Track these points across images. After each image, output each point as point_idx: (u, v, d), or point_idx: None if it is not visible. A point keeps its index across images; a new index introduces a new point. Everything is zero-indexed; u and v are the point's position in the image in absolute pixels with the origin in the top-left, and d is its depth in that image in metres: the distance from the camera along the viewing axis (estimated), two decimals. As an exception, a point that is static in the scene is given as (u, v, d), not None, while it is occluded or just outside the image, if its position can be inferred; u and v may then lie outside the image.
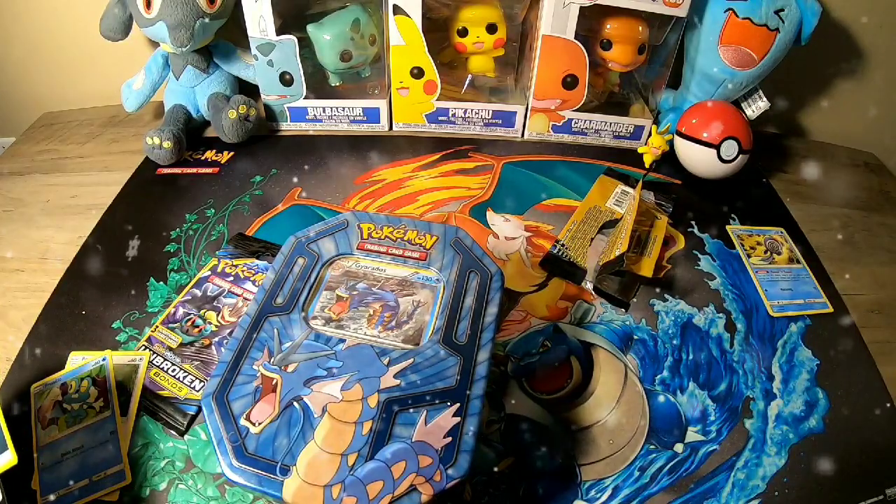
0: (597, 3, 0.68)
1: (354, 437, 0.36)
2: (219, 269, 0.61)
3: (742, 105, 0.76)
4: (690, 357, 0.56)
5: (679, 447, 0.50)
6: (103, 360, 0.52)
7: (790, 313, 0.61)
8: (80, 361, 0.53)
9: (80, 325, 0.57)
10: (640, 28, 0.72)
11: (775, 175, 0.80)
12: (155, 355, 0.53)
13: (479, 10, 0.73)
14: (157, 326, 0.56)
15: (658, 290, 0.62)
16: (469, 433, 0.36)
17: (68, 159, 0.79)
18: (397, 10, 0.70)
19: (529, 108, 0.78)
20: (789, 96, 0.87)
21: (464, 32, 0.74)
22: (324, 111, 0.79)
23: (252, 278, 0.60)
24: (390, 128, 0.82)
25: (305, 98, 0.77)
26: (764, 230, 0.70)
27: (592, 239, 0.66)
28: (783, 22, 0.69)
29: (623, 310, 0.60)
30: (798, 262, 0.67)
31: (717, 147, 0.69)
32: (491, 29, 0.74)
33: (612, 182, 0.74)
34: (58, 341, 0.55)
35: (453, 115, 0.79)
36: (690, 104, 0.75)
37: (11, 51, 0.87)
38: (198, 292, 0.59)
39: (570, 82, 0.74)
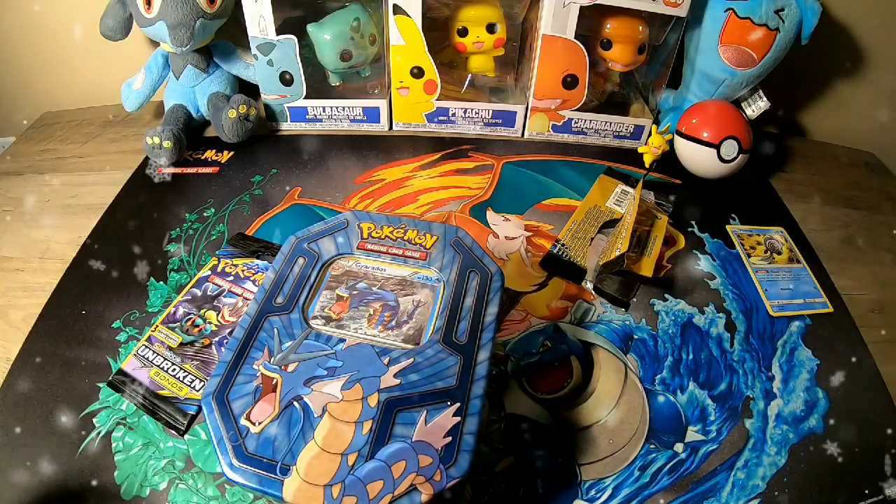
0: (597, 2, 0.68)
1: (354, 436, 0.36)
2: (219, 269, 0.61)
3: (742, 105, 0.76)
4: (690, 357, 0.56)
5: (679, 447, 0.50)
6: None
7: (790, 313, 0.61)
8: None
9: (80, 325, 0.57)
10: (640, 28, 0.72)
11: (775, 175, 0.80)
12: (155, 355, 0.53)
13: (479, 9, 0.73)
14: (157, 326, 0.56)
15: (658, 289, 0.62)
16: (469, 433, 0.36)
17: (68, 159, 0.79)
18: (397, 9, 0.70)
19: (529, 107, 0.78)
20: (789, 96, 0.87)
21: (464, 32, 0.74)
22: (324, 111, 0.79)
23: (252, 278, 0.60)
24: (390, 127, 0.82)
25: (305, 98, 0.77)
26: (764, 230, 0.70)
27: (592, 239, 0.66)
28: (783, 21, 0.69)
29: (623, 310, 0.60)
30: (798, 261, 0.67)
31: (717, 147, 0.69)
32: (491, 29, 0.74)
33: (612, 182, 0.74)
34: (58, 341, 0.55)
35: (453, 114, 0.79)
36: (690, 104, 0.75)
37: (12, 51, 0.87)
38: (198, 292, 0.59)
39: (570, 82, 0.74)
